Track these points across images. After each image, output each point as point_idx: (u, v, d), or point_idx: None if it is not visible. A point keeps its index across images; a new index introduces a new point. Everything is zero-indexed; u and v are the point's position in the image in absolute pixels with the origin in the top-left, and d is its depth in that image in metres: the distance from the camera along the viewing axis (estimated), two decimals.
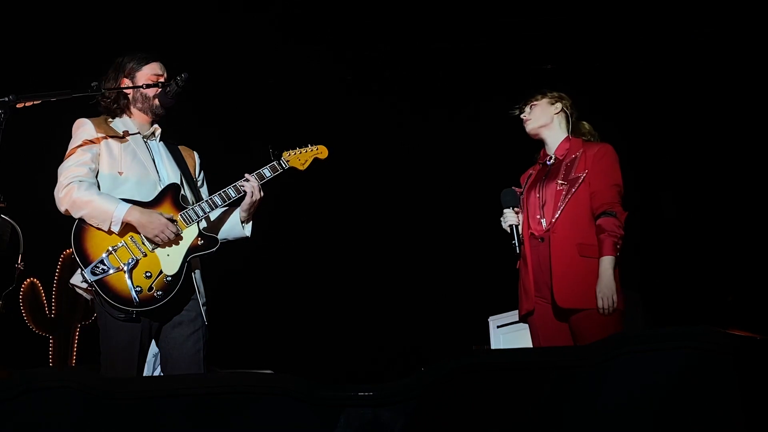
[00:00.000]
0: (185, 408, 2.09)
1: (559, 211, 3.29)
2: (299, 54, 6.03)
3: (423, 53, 6.11)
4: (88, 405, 2.11)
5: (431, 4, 5.69)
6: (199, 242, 3.16)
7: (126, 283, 2.99)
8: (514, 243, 3.37)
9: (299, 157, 3.40)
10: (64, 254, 6.17)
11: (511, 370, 2.08)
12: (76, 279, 3.08)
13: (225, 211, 3.35)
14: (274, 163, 3.35)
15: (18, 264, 4.41)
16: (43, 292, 6.27)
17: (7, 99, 2.92)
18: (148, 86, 3.24)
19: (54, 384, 2.14)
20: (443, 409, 2.06)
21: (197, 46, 5.60)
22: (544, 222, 3.33)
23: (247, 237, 3.35)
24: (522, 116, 3.55)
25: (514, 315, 5.21)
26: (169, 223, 3.07)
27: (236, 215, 3.33)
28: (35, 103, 3.02)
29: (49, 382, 2.16)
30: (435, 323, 5.95)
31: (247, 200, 3.25)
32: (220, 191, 3.24)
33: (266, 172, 3.32)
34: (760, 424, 1.92)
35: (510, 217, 3.41)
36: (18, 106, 2.96)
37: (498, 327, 5.26)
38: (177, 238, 3.11)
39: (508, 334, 5.18)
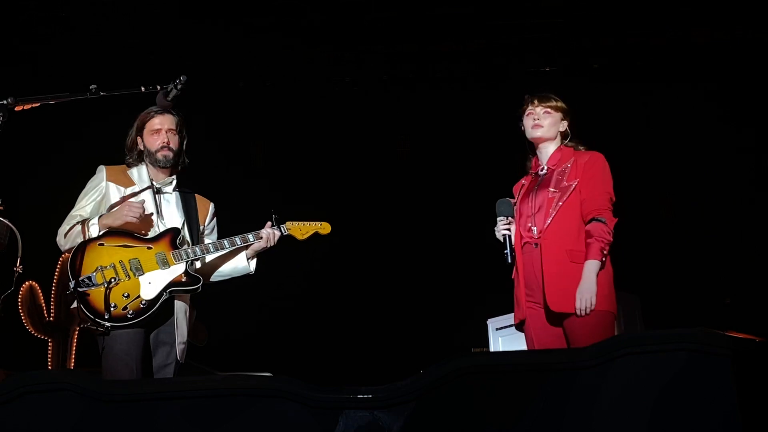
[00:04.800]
0: (184, 410, 2.09)
1: (550, 218, 3.30)
2: (298, 56, 6.04)
3: (421, 54, 6.12)
4: (86, 407, 2.11)
5: (429, 5, 5.70)
6: (182, 279, 3.28)
7: (103, 299, 3.13)
8: (506, 253, 3.34)
9: (300, 228, 3.58)
10: (62, 258, 6.15)
11: (510, 372, 2.09)
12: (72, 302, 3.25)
13: (230, 252, 3.47)
14: (275, 227, 3.48)
15: (17, 267, 4.40)
16: (42, 296, 6.26)
17: (5, 102, 2.92)
18: (146, 89, 3.25)
19: (52, 387, 2.15)
20: (442, 411, 2.07)
21: (196, 49, 5.61)
22: (535, 229, 3.34)
23: (251, 273, 3.53)
24: (534, 117, 3.46)
25: (513, 317, 5.21)
26: (132, 201, 3.25)
27: (242, 254, 3.49)
28: (34, 106, 3.02)
29: (47, 384, 2.16)
30: (434, 325, 5.95)
31: (260, 245, 3.44)
32: (216, 240, 3.42)
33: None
34: (758, 426, 1.92)
35: (503, 227, 3.39)
36: (17, 109, 2.96)
37: (497, 329, 5.26)
38: (145, 215, 3.25)
39: (507, 336, 5.18)
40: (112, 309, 3.13)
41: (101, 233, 3.25)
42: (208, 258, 3.45)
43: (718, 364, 1.96)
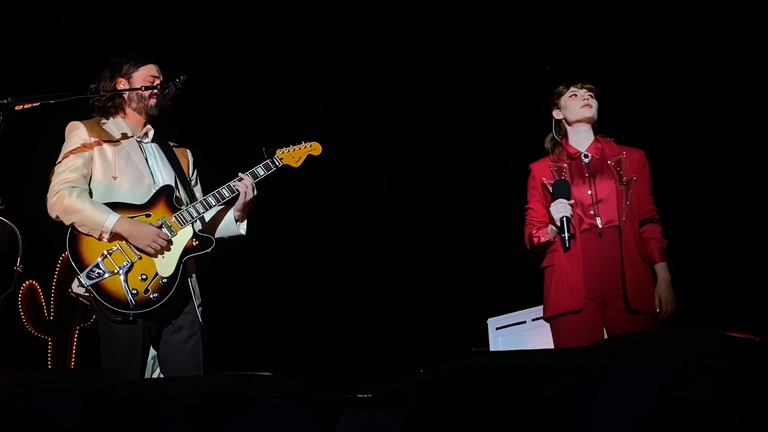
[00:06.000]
0: (184, 410, 2.09)
1: (625, 212, 3.30)
2: (294, 54, 6.04)
3: (420, 56, 6.12)
4: (86, 407, 2.11)
5: (429, 4, 5.70)
6: (194, 243, 3.17)
7: (122, 286, 3.00)
8: (565, 236, 3.22)
9: (293, 155, 3.42)
10: (63, 257, 6.16)
11: (510, 372, 2.08)
12: (75, 286, 3.09)
13: (220, 210, 3.36)
14: (267, 161, 3.36)
15: (17, 266, 4.41)
16: (42, 295, 6.27)
17: (5, 101, 2.93)
18: (147, 88, 3.25)
19: (52, 386, 2.14)
20: (442, 410, 2.07)
21: (192, 45, 5.61)
22: (599, 219, 3.31)
23: (242, 235, 3.36)
24: (582, 97, 3.47)
25: (513, 317, 5.22)
26: (160, 232, 3.08)
27: (231, 214, 3.33)
28: (34, 105, 3.02)
29: (47, 384, 2.16)
30: (434, 325, 5.95)
31: (240, 200, 3.26)
32: (214, 191, 3.25)
33: (260, 170, 3.33)
34: (758, 426, 1.92)
35: (565, 208, 3.26)
36: (17, 108, 2.96)
37: (497, 329, 5.27)
38: (168, 247, 3.11)
39: (507, 336, 5.19)
40: (134, 295, 3.01)
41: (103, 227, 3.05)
42: (209, 214, 3.32)
43: (718, 364, 1.96)
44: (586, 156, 3.43)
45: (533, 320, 5.06)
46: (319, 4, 5.69)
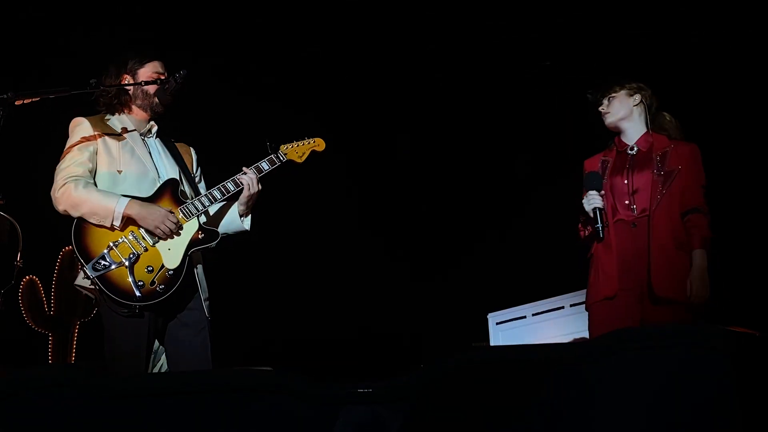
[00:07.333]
0: (182, 406, 2.08)
1: (657, 202, 3.33)
2: (297, 51, 6.04)
3: (419, 55, 6.12)
4: (86, 403, 2.11)
5: (428, 3, 5.70)
6: (199, 236, 3.18)
7: (128, 278, 3.00)
8: (598, 227, 3.32)
9: (296, 150, 3.43)
10: (63, 251, 6.17)
11: (510, 367, 2.08)
12: (80, 279, 3.10)
13: (224, 205, 3.37)
14: (272, 156, 3.37)
15: (17, 261, 4.41)
16: (43, 290, 6.26)
17: (5, 96, 2.92)
18: (147, 83, 3.25)
19: (51, 382, 2.14)
20: (442, 406, 2.07)
21: (195, 40, 5.61)
22: (634, 208, 3.36)
23: (246, 231, 3.37)
24: (600, 109, 3.57)
25: (513, 312, 5.23)
26: (169, 215, 3.09)
27: (235, 209, 3.35)
28: (34, 100, 3.02)
29: (47, 379, 2.16)
30: (434, 320, 5.96)
31: (245, 193, 3.27)
32: (219, 185, 3.26)
33: (264, 165, 3.34)
34: (759, 422, 1.92)
35: (595, 200, 3.37)
36: (17, 103, 2.96)
37: (497, 324, 5.27)
38: (178, 231, 3.12)
39: (508, 330, 5.19)
40: (140, 287, 3.00)
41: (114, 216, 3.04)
42: (213, 210, 3.34)
43: (718, 360, 1.96)
44: (632, 149, 3.49)
45: (533, 315, 5.08)
46: (319, 3, 5.68)
